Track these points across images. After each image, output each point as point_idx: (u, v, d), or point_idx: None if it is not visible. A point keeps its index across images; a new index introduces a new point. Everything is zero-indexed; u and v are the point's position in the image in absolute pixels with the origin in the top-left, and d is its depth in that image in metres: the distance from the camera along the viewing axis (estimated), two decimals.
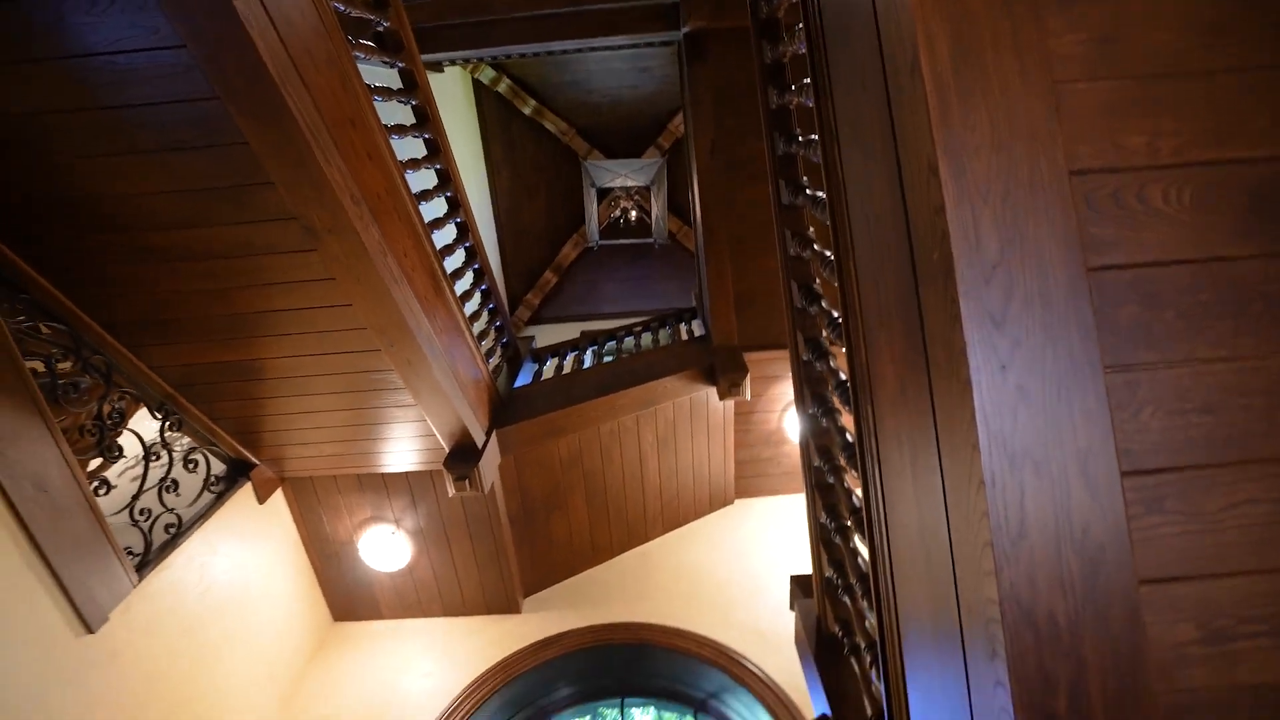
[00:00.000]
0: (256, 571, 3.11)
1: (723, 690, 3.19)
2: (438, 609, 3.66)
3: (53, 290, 2.17)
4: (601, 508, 3.86)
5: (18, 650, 1.98)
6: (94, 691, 2.22)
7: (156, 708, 2.46)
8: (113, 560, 2.31)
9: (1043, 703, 0.78)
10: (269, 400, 2.78)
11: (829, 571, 1.79)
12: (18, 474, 2.00)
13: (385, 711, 3.12)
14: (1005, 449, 0.81)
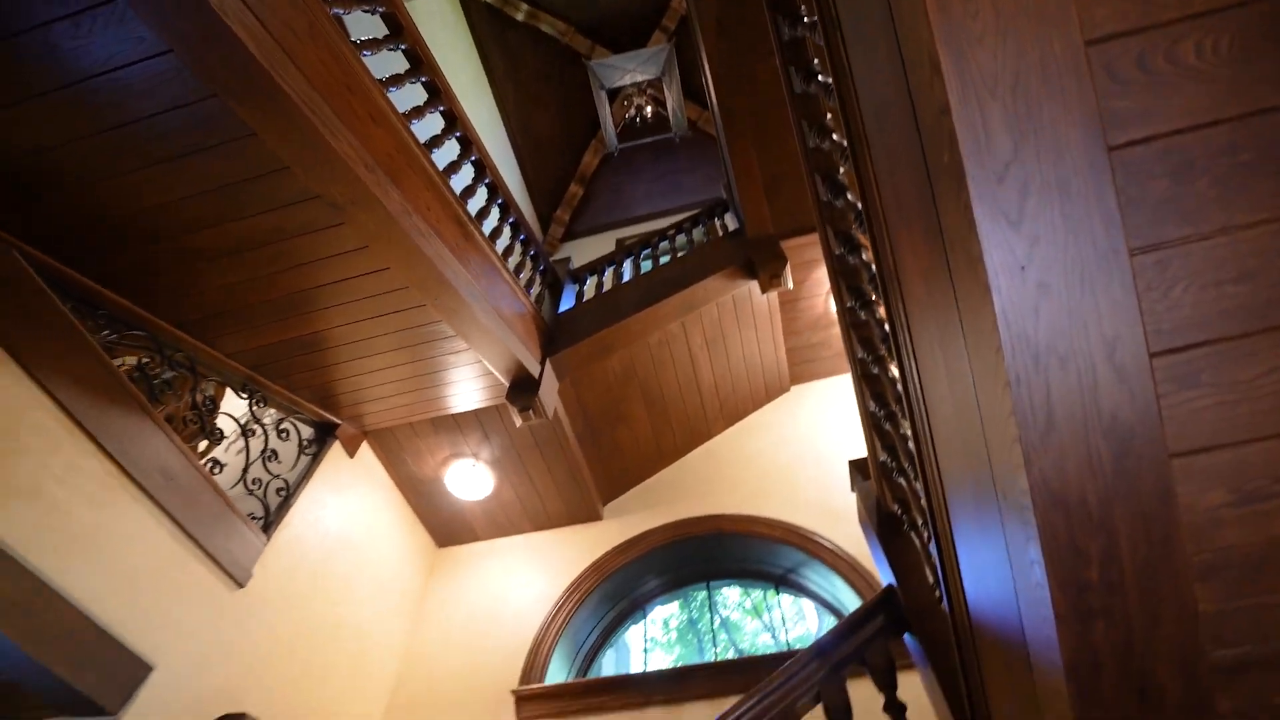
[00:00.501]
0: (362, 516, 3.45)
1: (799, 565, 3.42)
2: (527, 526, 4.00)
3: (123, 302, 2.33)
4: (661, 414, 4.01)
5: (190, 609, 2.33)
6: (255, 634, 2.60)
7: (307, 641, 2.87)
8: (241, 526, 2.62)
9: (1076, 575, 0.84)
10: (336, 366, 2.97)
11: (883, 456, 1.86)
12: (145, 468, 2.26)
13: (498, 620, 3.52)
14: (1028, 348, 0.82)
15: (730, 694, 2.83)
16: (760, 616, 3.73)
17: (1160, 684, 0.84)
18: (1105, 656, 0.85)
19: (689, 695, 2.88)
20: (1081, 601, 0.84)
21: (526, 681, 3.14)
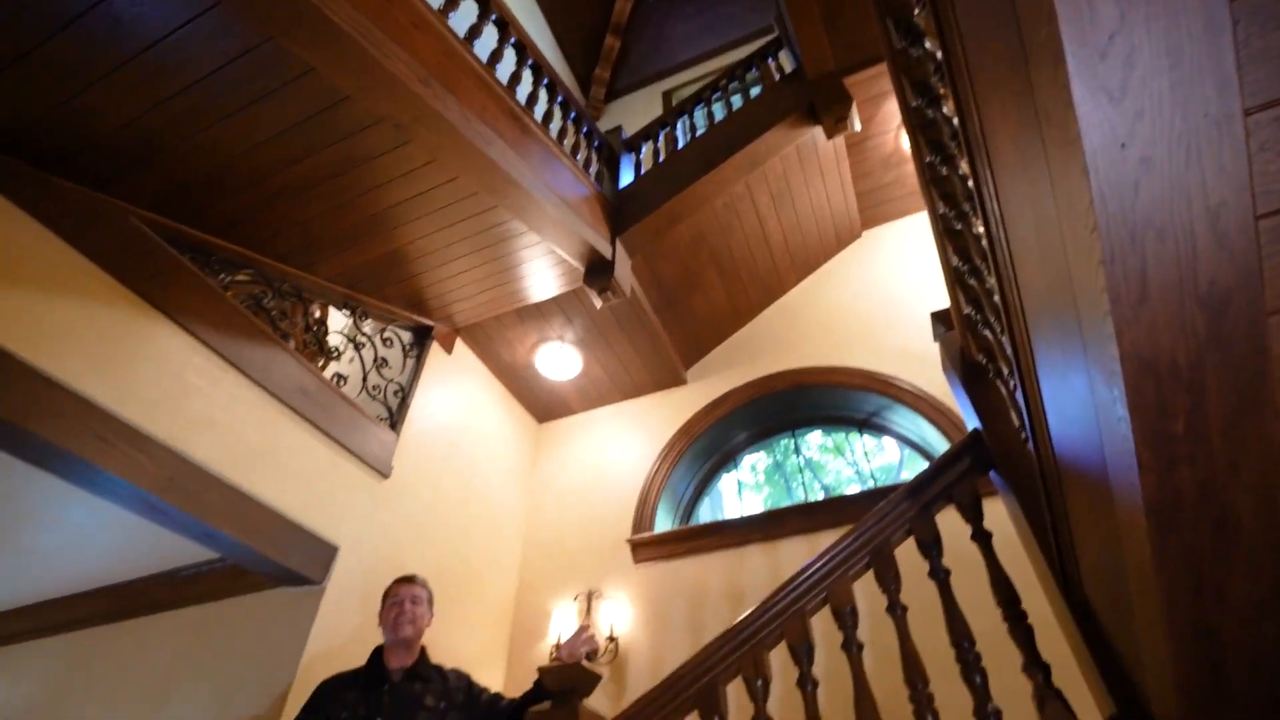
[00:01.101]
0: (468, 404, 3.81)
1: (882, 409, 3.56)
2: (617, 396, 4.29)
3: (231, 246, 2.53)
4: (733, 275, 4.04)
5: (352, 501, 2.75)
6: (405, 513, 3.05)
7: (446, 514, 3.34)
8: (374, 427, 2.98)
9: (1162, 428, 0.90)
10: (423, 274, 3.15)
11: (967, 309, 1.88)
12: (287, 389, 2.58)
13: (604, 481, 3.92)
14: (1125, 225, 0.83)
15: (820, 530, 3.14)
16: (842, 454, 3.96)
17: (1238, 514, 0.93)
18: (1185, 496, 0.94)
19: (783, 533, 3.22)
20: (1165, 452, 0.92)
21: (638, 531, 3.57)
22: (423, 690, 1.94)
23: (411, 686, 1.94)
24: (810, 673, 1.65)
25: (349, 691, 1.90)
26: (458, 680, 2.06)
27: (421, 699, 1.92)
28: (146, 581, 2.96)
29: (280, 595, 2.54)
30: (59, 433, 1.81)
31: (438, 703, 1.94)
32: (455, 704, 1.97)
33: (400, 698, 1.90)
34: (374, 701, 1.87)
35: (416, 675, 1.97)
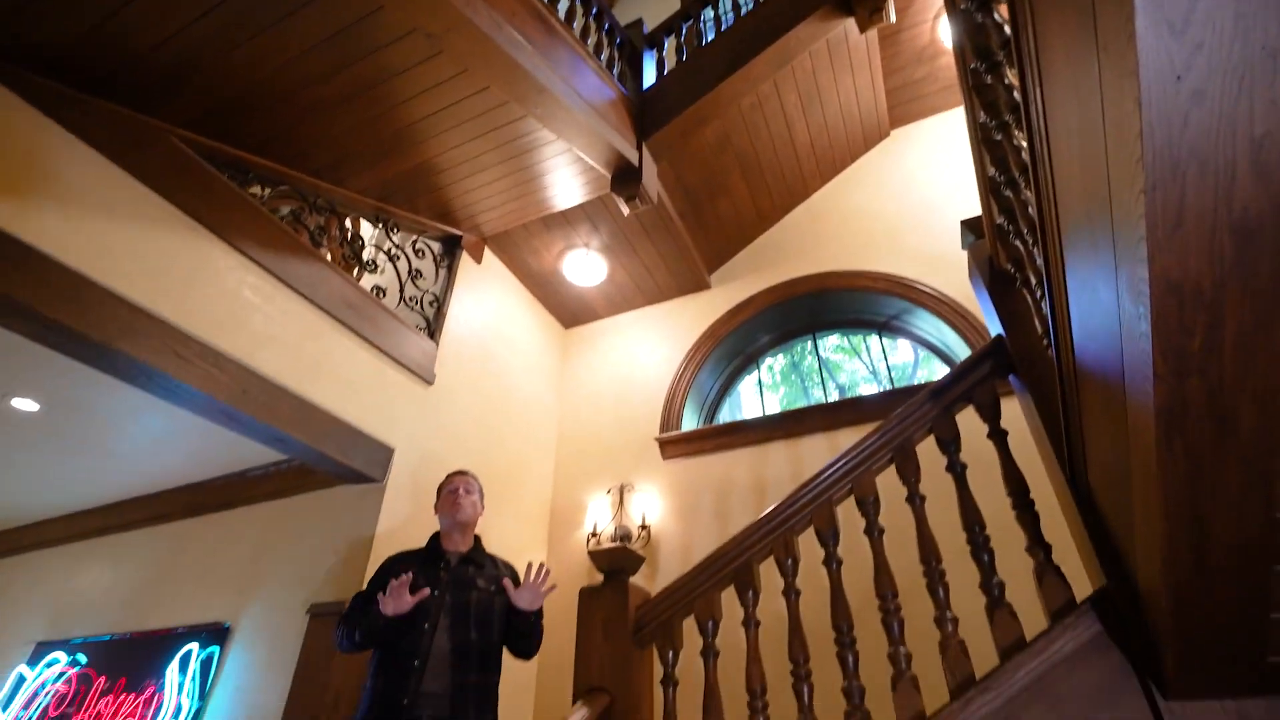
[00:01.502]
0: (499, 312, 3.92)
1: (902, 312, 3.64)
2: (641, 301, 4.38)
3: (266, 163, 2.56)
4: (758, 178, 4.00)
5: (402, 406, 2.94)
6: (450, 416, 3.26)
7: (486, 415, 3.55)
8: (414, 336, 3.13)
9: (1179, 344, 1.00)
10: (451, 185, 3.16)
11: (999, 219, 1.92)
12: (333, 302, 2.69)
13: (632, 383, 4.10)
14: (1169, 157, 0.88)
15: (840, 428, 3.32)
16: (858, 355, 4.08)
17: (1238, 419, 1.05)
18: (1193, 403, 1.05)
19: (804, 430, 3.41)
20: (1180, 365, 1.02)
21: (665, 430, 3.79)
22: (475, 573, 2.10)
23: (466, 569, 2.10)
24: (835, 553, 1.86)
25: (410, 567, 2.02)
26: (507, 569, 2.21)
27: (474, 580, 2.08)
28: (220, 481, 3.24)
29: (346, 491, 2.79)
30: (145, 351, 1.96)
31: (488, 585, 2.10)
32: (502, 590, 2.11)
33: (456, 576, 2.07)
34: (433, 576, 2.03)
35: (471, 560, 2.13)
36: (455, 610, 2.00)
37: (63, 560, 3.73)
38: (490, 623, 2.04)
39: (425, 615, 1.95)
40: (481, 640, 1.99)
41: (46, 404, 2.64)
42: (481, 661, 1.97)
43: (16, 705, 3.11)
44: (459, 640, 1.95)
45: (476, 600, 2.04)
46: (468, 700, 1.89)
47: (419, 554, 2.13)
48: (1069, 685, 1.50)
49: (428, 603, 1.96)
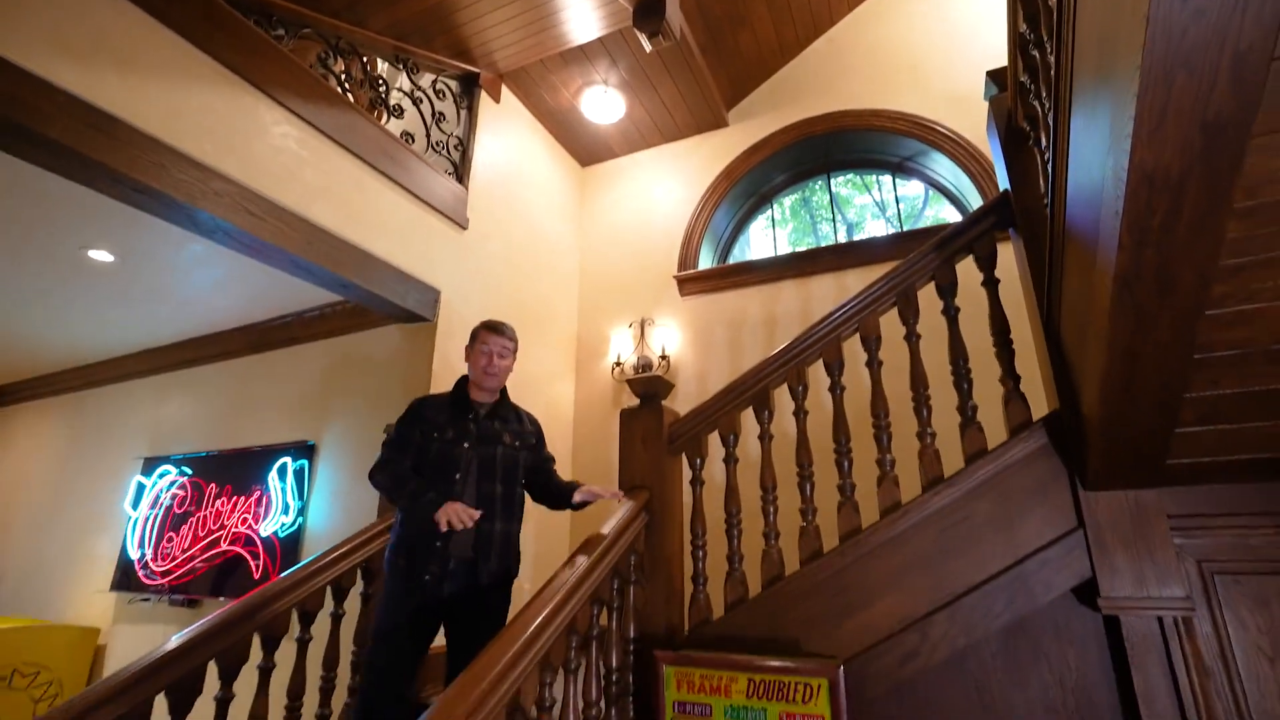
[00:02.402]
0: (519, 152, 3.96)
1: (918, 154, 3.69)
2: (659, 139, 4.37)
3: (287, 4, 2.50)
4: (783, 6, 3.80)
5: (441, 251, 3.16)
6: (483, 260, 3.48)
7: (516, 257, 3.77)
8: (445, 180, 3.24)
9: (1143, 222, 1.21)
10: (468, 23, 3.07)
11: (1023, 77, 1.99)
12: (371, 152, 2.79)
13: (649, 222, 4.25)
14: (1164, 66, 1.03)
15: (848, 269, 3.56)
16: (869, 191, 4.16)
17: (1179, 280, 1.30)
18: (1146, 268, 1.29)
19: (815, 270, 3.65)
20: (1141, 238, 1.25)
21: (683, 268, 4.03)
22: (502, 428, 2.14)
23: (493, 424, 2.14)
24: (839, 381, 2.21)
25: (439, 414, 2.09)
26: (531, 425, 2.28)
27: (500, 436, 2.13)
28: (278, 322, 3.56)
29: (401, 330, 3.11)
30: (221, 209, 2.15)
31: (513, 440, 2.15)
32: (527, 445, 2.20)
33: (483, 430, 2.11)
34: (461, 428, 2.08)
35: (497, 414, 2.17)
36: (482, 463, 2.06)
37: (150, 390, 4.19)
38: (514, 476, 2.13)
39: (456, 467, 2.02)
40: (505, 492, 2.08)
41: (120, 255, 2.86)
42: (505, 512, 2.07)
43: (144, 506, 3.73)
44: (485, 491, 2.03)
45: (502, 455, 2.10)
46: (491, 547, 2.01)
47: (446, 401, 2.15)
48: (1016, 481, 1.92)
49: (458, 454, 2.03)
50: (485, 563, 2.00)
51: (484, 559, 2.00)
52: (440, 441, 2.05)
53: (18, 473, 4.90)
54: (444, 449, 2.04)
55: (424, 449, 2.05)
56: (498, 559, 2.04)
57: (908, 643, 1.87)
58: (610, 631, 1.92)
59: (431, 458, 2.03)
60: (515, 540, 2.13)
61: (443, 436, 2.05)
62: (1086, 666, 1.79)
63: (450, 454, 2.03)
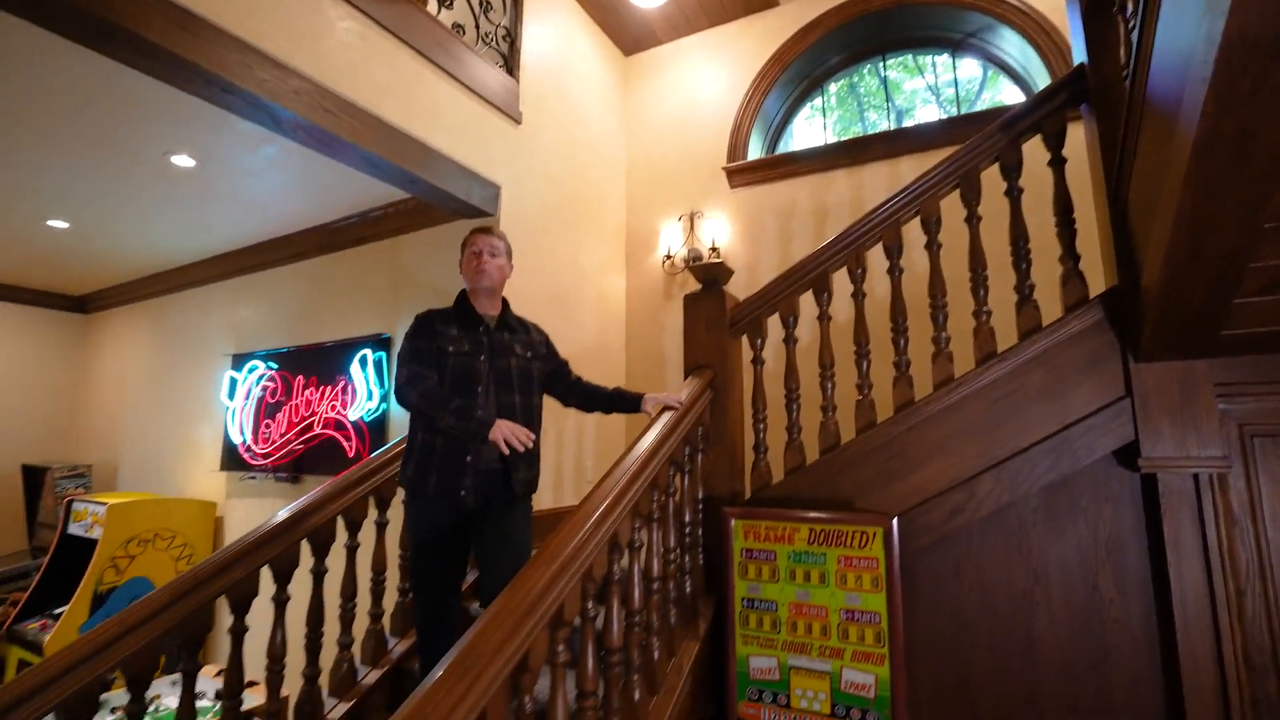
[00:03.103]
0: (563, 40, 3.87)
1: (982, 29, 3.49)
2: (704, 21, 4.20)
3: None
4: None
5: (500, 146, 3.21)
6: (536, 154, 3.51)
7: (566, 149, 3.78)
8: (498, 73, 3.23)
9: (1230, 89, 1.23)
10: None
11: None
12: (430, 46, 2.80)
13: (697, 113, 4.18)
14: None
15: (901, 155, 3.50)
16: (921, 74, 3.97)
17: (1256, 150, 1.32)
18: (1225, 138, 1.32)
19: (868, 158, 3.59)
20: (1224, 107, 1.26)
21: (732, 159, 4.00)
22: (512, 339, 2.10)
23: (503, 335, 2.09)
24: (898, 264, 2.29)
25: (450, 328, 2.02)
26: (539, 334, 2.23)
27: (512, 347, 2.08)
28: (344, 222, 3.70)
29: (464, 225, 3.23)
30: (304, 109, 2.24)
31: (524, 351, 2.11)
32: (539, 355, 2.17)
33: (495, 342, 2.06)
34: (475, 340, 2.03)
35: (505, 325, 2.12)
36: (499, 376, 2.03)
37: (227, 293, 4.46)
38: (530, 387, 2.11)
39: (476, 380, 1.99)
40: (524, 403, 2.06)
41: (201, 159, 2.99)
42: (525, 422, 2.04)
43: (239, 398, 4.09)
44: (505, 403, 2.01)
45: (516, 366, 2.07)
46: (519, 457, 1.97)
47: (452, 314, 2.08)
48: (1067, 355, 2.02)
49: (476, 367, 1.99)
50: (516, 472, 1.99)
51: (514, 468, 1.99)
52: (457, 355, 1.99)
53: (116, 373, 5.35)
54: (462, 362, 1.99)
55: (441, 364, 1.98)
56: (525, 468, 2.04)
57: (955, 500, 2.07)
58: (683, 491, 2.15)
59: (450, 372, 1.97)
60: (536, 450, 2.09)
61: (459, 349, 1.99)
62: (1120, 519, 1.96)
63: (470, 367, 1.99)
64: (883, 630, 1.89)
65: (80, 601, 3.46)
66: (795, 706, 1.95)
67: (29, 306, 5.51)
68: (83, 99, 2.53)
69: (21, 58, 2.27)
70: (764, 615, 2.04)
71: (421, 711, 1.03)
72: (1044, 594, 1.98)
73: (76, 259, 4.55)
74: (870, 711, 1.86)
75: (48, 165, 3.10)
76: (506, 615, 1.25)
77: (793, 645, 1.99)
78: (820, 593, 1.98)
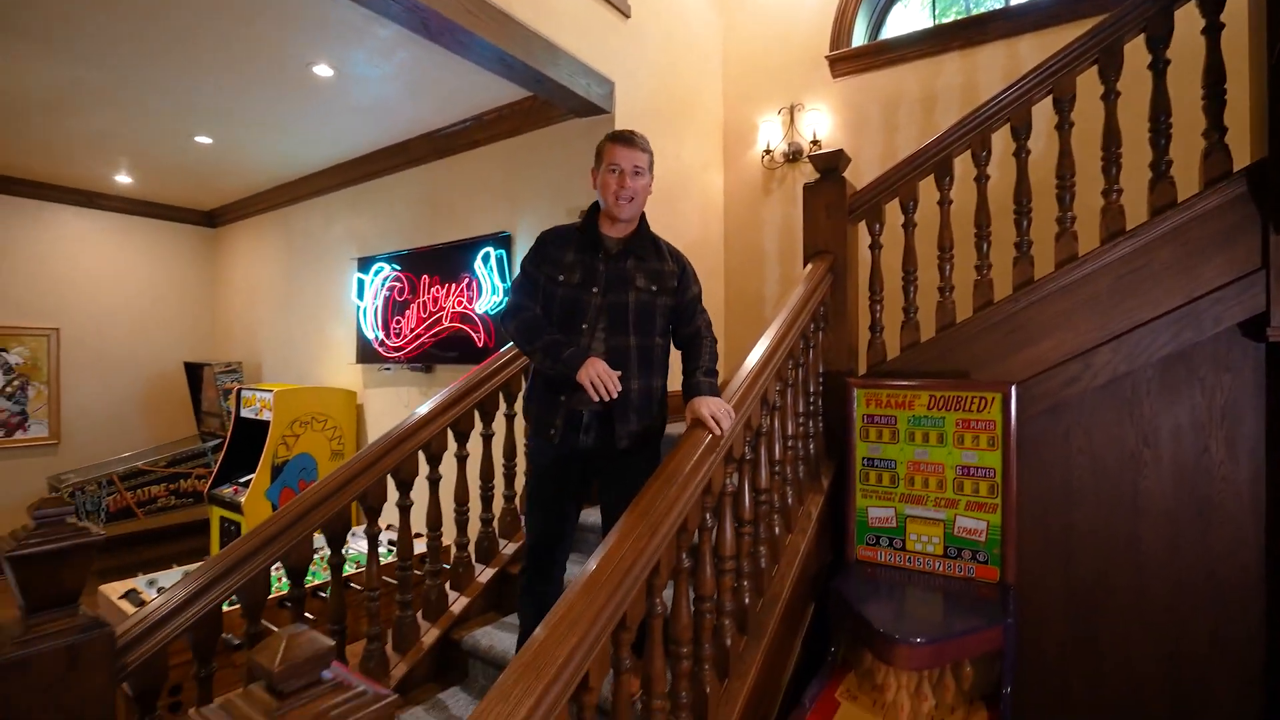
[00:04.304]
0: None
1: None
2: None
3: None
4: None
5: (614, 43, 3.27)
6: (644, 45, 3.54)
7: (671, 46, 3.78)
8: None
9: None
10: None
11: None
12: None
13: (794, 1, 4.04)
14: None
15: (1024, 33, 3.34)
16: None
17: None
18: None
19: (984, 38, 3.44)
20: None
21: (835, 46, 3.90)
22: (636, 268, 1.81)
23: (624, 264, 1.81)
24: (1025, 145, 2.31)
25: (567, 253, 1.82)
26: (675, 262, 1.90)
27: (634, 278, 1.80)
28: (459, 126, 3.89)
29: (577, 124, 3.38)
30: (450, 9, 2.39)
31: (649, 284, 1.82)
32: (666, 289, 1.84)
33: (614, 272, 1.80)
34: (589, 269, 1.79)
35: (633, 250, 1.83)
36: (612, 311, 1.78)
37: (347, 201, 4.81)
38: (651, 326, 1.82)
39: (582, 315, 1.77)
40: (641, 343, 1.80)
41: (338, 68, 3.20)
42: (643, 366, 1.80)
43: (368, 298, 4.51)
44: (616, 345, 1.78)
45: (635, 302, 1.80)
46: (627, 406, 1.77)
47: (574, 234, 1.86)
48: (1201, 231, 2.05)
49: (584, 301, 1.77)
50: (623, 424, 1.78)
51: (621, 419, 1.77)
52: (565, 286, 1.78)
53: (250, 279, 5.90)
54: (569, 294, 1.78)
55: (549, 293, 1.80)
56: (637, 418, 1.80)
57: (1070, 371, 2.20)
58: (808, 364, 2.37)
59: (556, 304, 1.79)
60: (658, 395, 1.86)
61: (569, 280, 1.78)
62: (1239, 388, 2.06)
63: (577, 300, 1.77)
64: (996, 483, 2.10)
65: (263, 471, 4.09)
66: (910, 549, 2.22)
67: (165, 221, 6.06)
68: (237, 17, 2.74)
69: None
70: (883, 472, 2.28)
71: (621, 543, 1.29)
72: (1153, 455, 2.13)
73: (213, 173, 4.95)
74: (980, 551, 2.11)
75: (201, 84, 3.39)
76: (707, 451, 1.53)
77: (909, 497, 2.23)
78: (938, 451, 2.19)
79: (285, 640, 0.69)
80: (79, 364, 5.45)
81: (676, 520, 1.40)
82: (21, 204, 5.16)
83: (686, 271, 1.92)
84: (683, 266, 1.92)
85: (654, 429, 1.86)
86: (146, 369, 5.87)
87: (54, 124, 3.93)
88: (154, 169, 4.85)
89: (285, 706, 0.65)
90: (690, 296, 1.91)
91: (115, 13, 2.71)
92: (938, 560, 2.17)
